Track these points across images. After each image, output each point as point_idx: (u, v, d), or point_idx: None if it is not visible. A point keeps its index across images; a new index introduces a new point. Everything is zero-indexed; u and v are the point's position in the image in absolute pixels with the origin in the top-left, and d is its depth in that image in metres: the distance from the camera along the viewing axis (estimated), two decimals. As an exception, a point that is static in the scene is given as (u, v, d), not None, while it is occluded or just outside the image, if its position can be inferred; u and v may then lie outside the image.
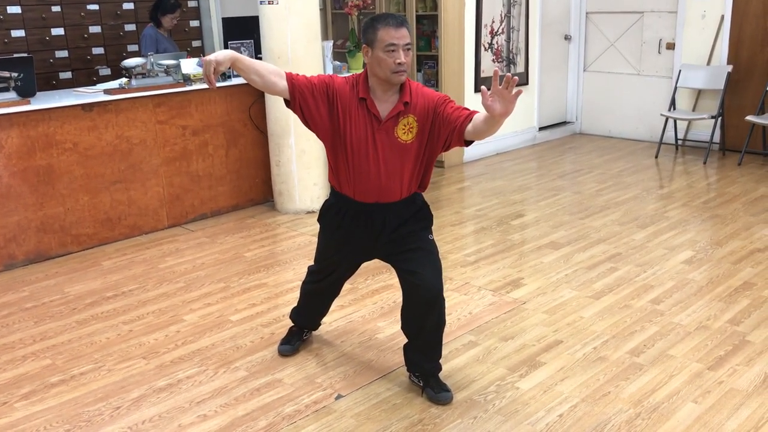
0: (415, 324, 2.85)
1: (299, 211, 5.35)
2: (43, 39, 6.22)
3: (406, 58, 2.60)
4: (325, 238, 2.99)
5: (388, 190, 2.73)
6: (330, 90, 2.71)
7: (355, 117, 2.68)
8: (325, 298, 3.22)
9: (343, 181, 2.78)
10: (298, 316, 3.30)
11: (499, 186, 6.02)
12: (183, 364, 3.23)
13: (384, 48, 2.58)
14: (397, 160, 2.70)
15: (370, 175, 2.70)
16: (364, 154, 2.69)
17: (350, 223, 2.82)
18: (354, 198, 2.77)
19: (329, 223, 2.92)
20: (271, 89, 2.72)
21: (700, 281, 3.98)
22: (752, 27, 6.62)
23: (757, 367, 3.07)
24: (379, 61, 2.60)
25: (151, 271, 4.34)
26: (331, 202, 2.91)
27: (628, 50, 7.54)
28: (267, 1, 4.97)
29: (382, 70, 2.61)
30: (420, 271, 2.74)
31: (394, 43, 2.57)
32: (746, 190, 5.67)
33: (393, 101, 2.69)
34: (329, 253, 2.99)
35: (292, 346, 3.28)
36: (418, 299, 2.77)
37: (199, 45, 7.27)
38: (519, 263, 4.32)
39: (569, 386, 2.96)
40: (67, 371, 3.19)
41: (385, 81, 2.64)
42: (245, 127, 5.41)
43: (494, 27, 6.85)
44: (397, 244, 2.79)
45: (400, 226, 2.78)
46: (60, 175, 4.54)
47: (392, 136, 2.68)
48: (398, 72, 2.60)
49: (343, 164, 2.75)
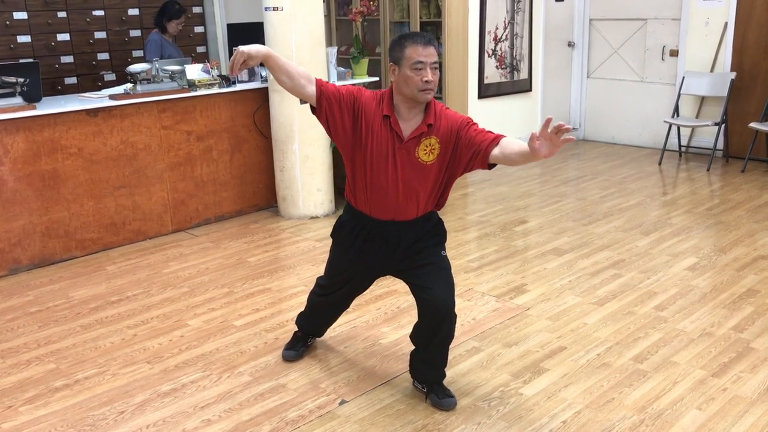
0: (425, 336, 2.85)
1: (303, 216, 5.36)
2: (48, 44, 6.25)
3: (433, 76, 2.57)
4: (337, 253, 2.96)
5: (405, 209, 2.71)
6: (357, 103, 2.68)
7: (378, 133, 2.65)
8: (334, 311, 3.20)
9: (360, 196, 2.76)
10: (304, 323, 3.29)
11: (502, 192, 6.03)
12: (187, 368, 3.23)
13: (411, 66, 2.55)
14: (415, 180, 2.67)
15: (388, 192, 2.68)
16: (383, 172, 2.67)
17: (364, 241, 2.80)
18: (370, 215, 2.75)
19: (343, 240, 2.89)
20: (299, 93, 2.70)
21: (704, 288, 3.98)
22: (756, 34, 6.63)
23: (761, 374, 3.06)
24: (405, 79, 2.57)
25: (155, 276, 4.35)
26: (345, 218, 2.88)
27: (631, 57, 7.55)
28: (272, 8, 4.99)
29: (408, 88, 2.58)
30: (432, 287, 2.73)
31: (422, 60, 2.55)
32: (750, 197, 5.67)
33: (417, 121, 2.66)
34: (341, 268, 2.95)
35: (297, 351, 3.28)
36: (429, 314, 2.77)
37: (204, 51, 7.29)
38: (522, 269, 4.32)
39: (573, 392, 2.96)
40: (72, 375, 3.20)
41: (412, 99, 2.61)
42: (249, 132, 5.43)
43: (498, 33, 6.87)
44: (411, 260, 2.78)
45: (415, 242, 2.77)
46: (65, 180, 4.56)
47: (413, 156, 2.65)
48: (425, 90, 2.57)
49: (360, 179, 2.73)
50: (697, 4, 6.90)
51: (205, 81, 5.13)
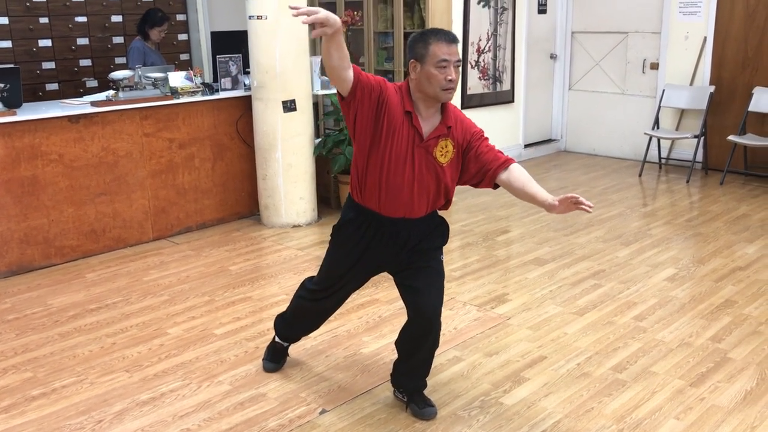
0: (411, 345, 2.82)
1: (285, 225, 5.35)
2: (30, 50, 6.20)
3: (456, 75, 2.53)
4: (338, 253, 2.83)
5: (417, 207, 2.66)
6: (382, 96, 2.56)
7: (399, 129, 2.58)
8: (321, 317, 3.08)
9: (370, 193, 2.66)
10: (283, 328, 3.17)
11: (484, 202, 6.06)
12: (166, 377, 3.21)
13: (436, 63, 2.49)
14: (430, 180, 2.64)
15: (402, 190, 2.62)
16: (401, 170, 2.60)
17: (371, 238, 2.71)
18: (380, 212, 2.67)
19: (348, 238, 2.76)
20: (339, 75, 2.48)
21: (683, 298, 4.02)
22: (734, 49, 6.73)
23: (738, 384, 3.10)
24: (429, 76, 2.51)
25: (135, 284, 4.32)
26: (350, 216, 2.76)
27: (612, 70, 7.63)
28: (256, 16, 4.99)
29: (431, 86, 2.52)
30: (427, 291, 2.72)
31: (447, 59, 2.50)
32: (728, 209, 5.74)
33: (435, 121, 2.62)
34: (341, 269, 2.83)
35: (278, 364, 3.24)
36: (419, 319, 2.74)
37: (188, 58, 7.27)
38: (504, 279, 4.34)
39: (553, 402, 2.98)
40: (49, 384, 3.16)
41: (433, 98, 2.56)
42: (232, 140, 5.42)
43: (481, 45, 6.92)
44: (413, 260, 2.74)
45: (421, 240, 2.73)
46: (44, 187, 4.52)
47: (430, 156, 2.61)
48: (448, 89, 2.53)
49: (374, 176, 2.63)
50: (677, 18, 7.00)
51: (188, 88, 5.12)
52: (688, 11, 6.92)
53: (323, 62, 2.48)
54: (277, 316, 3.22)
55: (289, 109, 5.12)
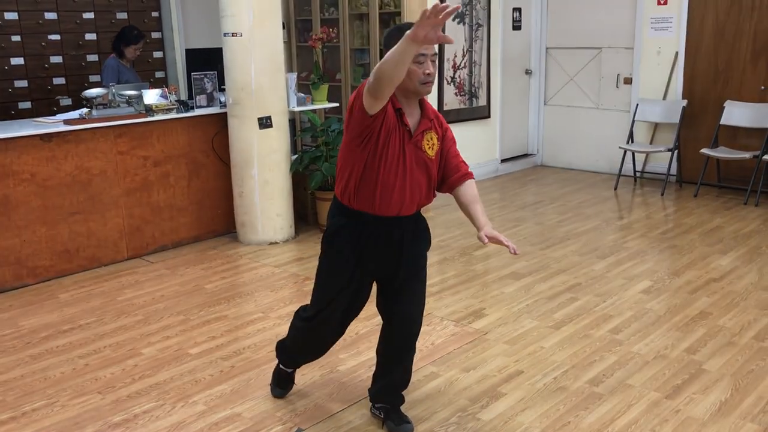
0: (394, 358, 2.83)
1: (262, 242, 5.32)
2: (2, 68, 6.14)
3: (433, 68, 2.54)
4: (334, 263, 2.73)
5: (410, 203, 2.65)
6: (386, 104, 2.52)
7: (393, 128, 2.56)
8: (325, 342, 2.94)
9: (365, 195, 2.61)
10: (286, 358, 3.07)
11: (462, 217, 6.03)
12: (140, 398, 3.16)
13: (414, 58, 2.46)
14: (421, 174, 2.64)
15: (396, 188, 2.59)
16: (395, 167, 2.58)
17: (367, 239, 2.66)
18: (374, 212, 2.62)
19: (344, 244, 2.68)
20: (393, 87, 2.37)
21: (658, 311, 4.04)
22: (705, 64, 6.84)
23: (713, 396, 3.11)
24: (408, 72, 2.48)
25: (109, 304, 4.26)
26: (342, 222, 2.68)
27: (587, 85, 7.72)
28: (231, 33, 4.99)
29: (411, 81, 2.52)
30: (415, 300, 2.77)
31: (424, 53, 2.48)
32: (702, 221, 5.81)
33: (417, 115, 2.63)
34: (339, 279, 2.72)
35: (286, 390, 3.16)
36: (402, 328, 2.77)
37: (163, 76, 7.24)
38: (481, 293, 4.34)
39: (530, 417, 2.97)
40: (18, 408, 3.09)
41: (413, 92, 2.56)
42: (208, 157, 5.39)
43: (457, 61, 6.96)
44: (401, 265, 2.71)
45: (411, 240, 2.72)
46: (16, 206, 4.46)
47: (420, 150, 2.62)
48: (427, 83, 2.53)
49: (370, 177, 2.58)
50: (649, 34, 7.10)
51: (163, 106, 5.09)
52: (659, 27, 7.02)
53: (387, 74, 2.28)
54: (278, 343, 3.11)
55: (264, 125, 5.11)
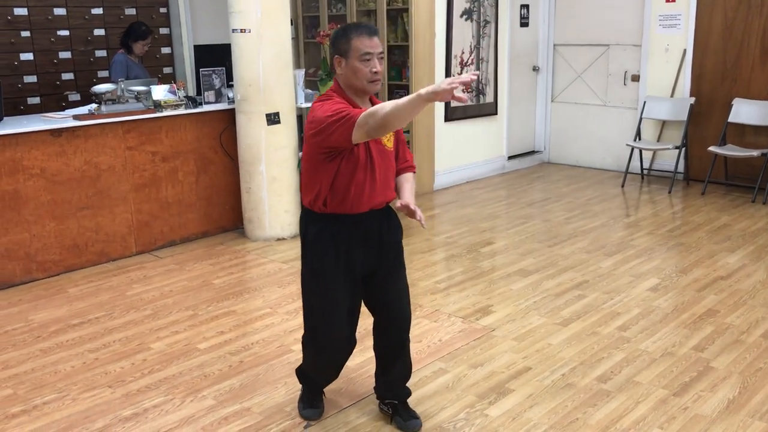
0: (392, 352, 2.86)
1: (269, 238, 5.34)
2: (11, 64, 6.17)
3: (380, 66, 2.60)
4: (319, 268, 2.70)
5: (381, 196, 2.69)
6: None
7: None
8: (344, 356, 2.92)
9: (338, 198, 2.62)
10: (307, 382, 3.02)
11: (468, 214, 6.08)
12: (150, 392, 3.18)
13: (360, 57, 2.55)
14: (386, 167, 2.71)
15: (366, 184, 2.63)
16: (363, 166, 2.63)
17: (349, 237, 2.67)
18: (349, 212, 2.64)
19: (327, 248, 2.67)
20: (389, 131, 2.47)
21: (666, 308, 4.04)
22: (713, 61, 6.82)
23: (721, 393, 3.12)
24: (355, 71, 2.57)
25: (118, 299, 4.28)
26: (318, 227, 2.67)
27: (594, 82, 7.70)
28: (239, 30, 5.00)
29: (358, 79, 2.58)
30: (402, 293, 2.81)
31: (369, 51, 2.56)
32: (710, 219, 5.80)
33: None
34: (333, 284, 2.70)
35: (318, 409, 3.01)
36: (396, 322, 2.82)
37: (171, 72, 7.26)
38: (488, 290, 4.35)
39: (538, 413, 2.98)
40: (29, 401, 3.12)
41: (362, 91, 2.62)
42: (216, 153, 5.40)
43: (464, 58, 6.96)
44: (383, 255, 2.73)
45: (389, 229, 2.75)
46: (26, 201, 4.48)
47: (380, 144, 2.67)
48: (374, 81, 2.59)
49: (343, 180, 2.60)
50: (657, 31, 7.08)
51: (171, 102, 5.11)
52: (667, 24, 7.01)
53: (394, 124, 2.38)
54: (296, 369, 3.06)
55: (273, 121, 5.12)
